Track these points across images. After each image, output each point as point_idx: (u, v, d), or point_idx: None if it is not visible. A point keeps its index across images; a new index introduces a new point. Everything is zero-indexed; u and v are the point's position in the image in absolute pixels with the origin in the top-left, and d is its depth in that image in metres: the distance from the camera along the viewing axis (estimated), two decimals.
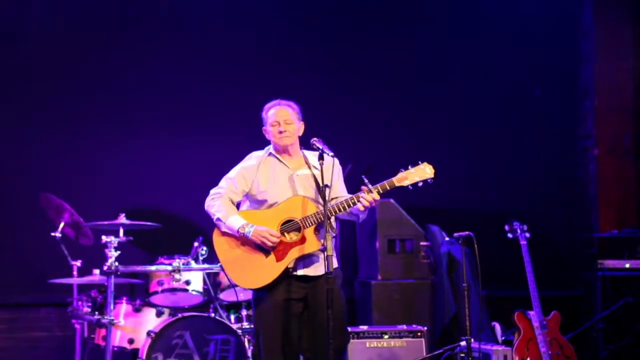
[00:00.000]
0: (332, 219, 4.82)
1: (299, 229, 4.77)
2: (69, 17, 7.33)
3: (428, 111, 7.98)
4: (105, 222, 6.11)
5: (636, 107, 8.07)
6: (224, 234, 4.88)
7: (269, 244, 4.74)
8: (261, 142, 5.16)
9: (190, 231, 6.89)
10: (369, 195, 4.72)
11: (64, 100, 7.28)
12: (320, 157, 4.74)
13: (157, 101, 7.45)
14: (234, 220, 4.81)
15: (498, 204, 7.91)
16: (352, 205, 4.76)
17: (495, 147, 8.06)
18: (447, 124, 8.03)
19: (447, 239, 7.19)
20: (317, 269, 4.81)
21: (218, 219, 4.87)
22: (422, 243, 7.17)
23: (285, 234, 4.79)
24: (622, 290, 6.97)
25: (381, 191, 4.76)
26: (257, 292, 4.89)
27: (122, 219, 6.09)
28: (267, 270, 4.78)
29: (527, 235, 6.35)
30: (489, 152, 8.05)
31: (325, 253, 4.55)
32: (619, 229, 7.51)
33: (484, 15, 8.15)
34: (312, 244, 4.74)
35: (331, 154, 4.76)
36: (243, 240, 4.82)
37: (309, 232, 4.75)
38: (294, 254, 4.76)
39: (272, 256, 4.79)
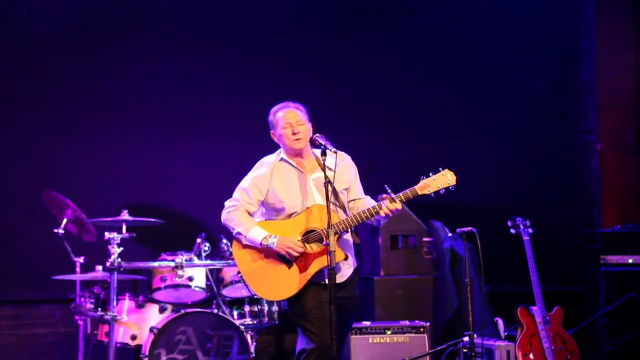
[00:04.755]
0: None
1: (321, 240, 4.65)
2: (70, 16, 7.31)
3: (430, 108, 7.99)
4: (108, 219, 6.12)
5: (638, 102, 8.07)
6: (245, 246, 4.77)
7: (294, 254, 4.64)
8: (261, 140, 5.13)
9: (192, 227, 6.92)
10: (392, 205, 4.64)
11: (66, 98, 7.28)
12: (323, 154, 4.65)
13: (160, 98, 7.46)
14: (256, 233, 4.70)
15: (500, 200, 7.92)
16: (374, 215, 4.68)
17: (497, 142, 8.07)
18: (449, 120, 8.03)
19: (449, 234, 7.20)
20: (341, 277, 4.74)
21: (238, 233, 4.76)
22: (424, 239, 7.18)
23: (307, 244, 4.69)
24: (624, 285, 6.96)
25: (404, 200, 4.68)
26: (286, 302, 4.77)
27: (125, 215, 6.11)
28: (291, 282, 4.67)
29: (530, 230, 6.35)
30: (492, 147, 8.05)
31: (328, 248, 4.45)
32: (622, 225, 7.50)
33: (486, 12, 8.13)
34: (335, 255, 4.54)
35: (334, 149, 4.68)
36: (266, 252, 4.72)
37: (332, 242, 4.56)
38: (317, 265, 4.65)
39: (294, 267, 4.68)
